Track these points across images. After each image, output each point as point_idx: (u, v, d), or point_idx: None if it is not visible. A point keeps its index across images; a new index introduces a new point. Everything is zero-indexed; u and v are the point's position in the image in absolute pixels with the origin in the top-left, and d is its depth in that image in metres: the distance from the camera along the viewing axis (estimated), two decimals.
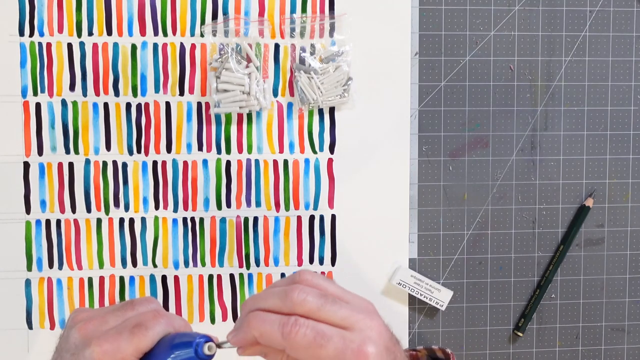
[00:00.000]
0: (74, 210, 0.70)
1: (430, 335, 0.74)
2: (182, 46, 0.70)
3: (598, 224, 0.76)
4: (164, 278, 0.71)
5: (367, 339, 0.41)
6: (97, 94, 0.70)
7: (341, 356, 0.40)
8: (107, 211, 0.70)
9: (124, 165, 0.70)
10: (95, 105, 0.70)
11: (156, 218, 0.71)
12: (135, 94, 0.70)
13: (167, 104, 0.70)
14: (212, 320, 0.72)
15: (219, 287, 0.72)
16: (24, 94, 0.69)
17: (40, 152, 0.69)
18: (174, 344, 0.42)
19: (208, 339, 0.43)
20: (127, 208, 0.71)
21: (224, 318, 0.72)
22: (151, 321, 0.42)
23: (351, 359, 0.40)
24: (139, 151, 0.70)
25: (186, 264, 0.71)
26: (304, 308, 0.41)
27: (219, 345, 0.43)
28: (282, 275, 0.72)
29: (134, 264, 0.71)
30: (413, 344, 0.74)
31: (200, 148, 0.71)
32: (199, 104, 0.70)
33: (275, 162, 0.72)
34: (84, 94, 0.70)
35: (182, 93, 0.70)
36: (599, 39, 0.74)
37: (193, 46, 0.70)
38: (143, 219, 0.71)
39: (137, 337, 0.41)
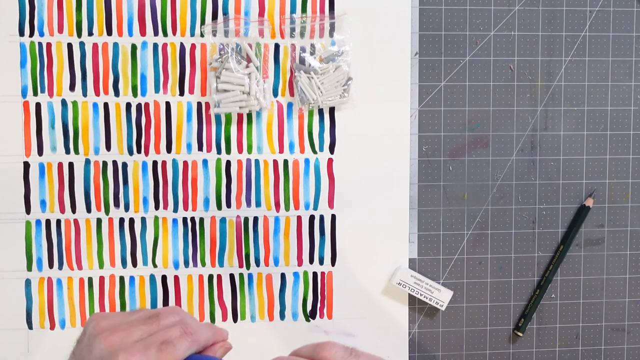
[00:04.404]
0: (74, 210, 0.70)
1: (430, 335, 0.74)
2: (182, 46, 0.70)
3: (598, 224, 0.76)
4: (164, 278, 0.71)
5: None
6: (97, 94, 0.70)
7: None
8: (107, 211, 0.70)
9: (124, 165, 0.70)
10: (95, 105, 0.70)
11: (156, 218, 0.71)
12: (135, 94, 0.70)
13: (167, 104, 0.70)
14: (212, 320, 0.72)
15: (219, 287, 0.72)
16: (24, 94, 0.69)
17: (40, 152, 0.69)
18: None
19: None
20: (127, 208, 0.71)
21: (224, 318, 0.72)
22: (178, 340, 0.43)
23: None
24: (139, 151, 0.70)
25: (186, 264, 0.71)
26: (333, 355, 0.44)
27: None
28: (282, 275, 0.72)
29: (134, 264, 0.71)
30: (413, 344, 0.74)
31: (200, 148, 0.71)
32: (199, 104, 0.70)
33: (275, 162, 0.72)
34: (84, 94, 0.70)
35: (182, 93, 0.70)
36: (599, 39, 0.74)
37: (193, 46, 0.70)
38: (143, 219, 0.71)
39: (164, 355, 0.42)
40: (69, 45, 0.69)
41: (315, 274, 0.73)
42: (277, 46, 0.71)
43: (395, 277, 0.72)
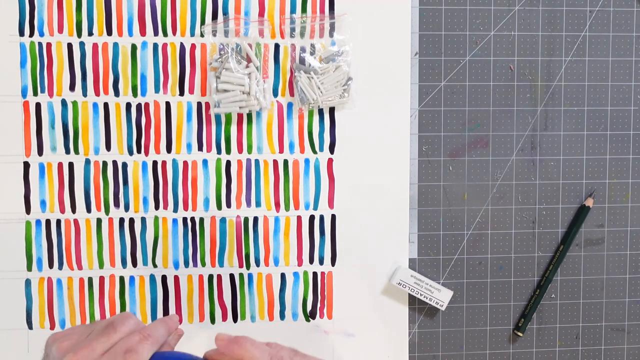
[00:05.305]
0: (74, 210, 0.70)
1: (430, 335, 0.74)
2: (182, 46, 0.70)
3: (598, 224, 0.76)
4: (164, 278, 0.71)
5: None
6: (97, 94, 0.70)
7: None
8: (107, 211, 0.70)
9: (124, 165, 0.70)
10: (95, 105, 0.70)
11: (156, 218, 0.71)
12: (135, 94, 0.70)
13: (167, 104, 0.70)
14: (212, 320, 0.72)
15: (219, 287, 0.72)
16: (24, 94, 0.69)
17: (40, 152, 0.69)
18: None
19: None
20: (127, 208, 0.71)
21: (224, 318, 0.72)
22: (140, 345, 0.45)
23: None
24: (139, 151, 0.70)
25: (186, 264, 0.71)
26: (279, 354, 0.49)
27: None
28: (282, 275, 0.72)
29: (134, 264, 0.71)
30: (413, 344, 0.74)
31: (200, 148, 0.71)
32: (199, 104, 0.70)
33: (275, 162, 0.72)
34: (84, 94, 0.70)
35: (182, 93, 0.70)
36: (599, 39, 0.74)
37: (193, 46, 0.70)
38: (143, 219, 0.71)
39: None
40: (69, 45, 0.69)
41: (315, 274, 0.73)
42: (277, 46, 0.71)
43: (395, 277, 0.72)
